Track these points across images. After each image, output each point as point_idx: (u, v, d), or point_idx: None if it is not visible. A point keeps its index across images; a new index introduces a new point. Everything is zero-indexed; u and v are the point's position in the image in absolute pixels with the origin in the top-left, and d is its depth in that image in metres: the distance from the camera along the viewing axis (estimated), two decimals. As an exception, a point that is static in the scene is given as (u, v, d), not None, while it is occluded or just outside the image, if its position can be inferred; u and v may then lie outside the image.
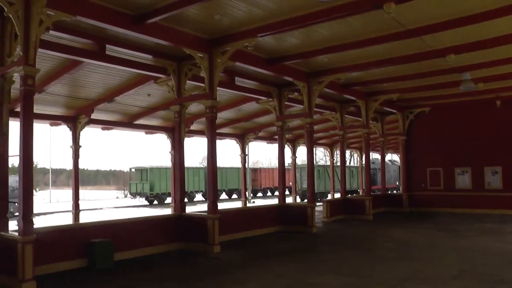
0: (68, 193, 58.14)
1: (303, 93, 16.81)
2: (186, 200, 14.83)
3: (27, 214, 8.93)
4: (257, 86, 17.37)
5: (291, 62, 14.96)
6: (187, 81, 14.05)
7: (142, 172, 45.80)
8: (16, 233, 9.08)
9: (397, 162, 50.38)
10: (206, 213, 13.32)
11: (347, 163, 58.58)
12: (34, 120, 9.50)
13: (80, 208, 18.67)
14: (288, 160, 27.44)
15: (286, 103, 18.25)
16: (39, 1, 8.77)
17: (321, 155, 78.76)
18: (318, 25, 11.75)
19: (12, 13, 8.84)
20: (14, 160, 12.79)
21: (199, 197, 48.59)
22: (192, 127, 20.80)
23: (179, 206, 13.88)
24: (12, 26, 9.43)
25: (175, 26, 11.71)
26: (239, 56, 13.38)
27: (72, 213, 18.38)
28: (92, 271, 10.59)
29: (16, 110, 12.15)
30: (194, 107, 16.41)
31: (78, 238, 11.14)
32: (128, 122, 19.36)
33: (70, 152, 17.88)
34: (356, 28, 12.34)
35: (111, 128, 19.65)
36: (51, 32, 10.10)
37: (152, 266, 11.16)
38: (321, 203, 21.89)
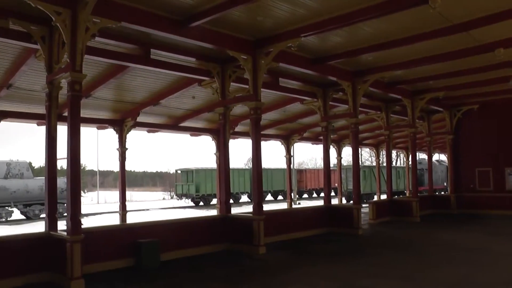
0: (115, 194, 59.56)
1: (348, 93, 16.57)
2: (231, 201, 14.87)
3: (75, 214, 9.20)
4: (301, 87, 17.23)
5: (335, 61, 14.75)
6: (231, 83, 14.09)
7: (188, 173, 46.31)
8: (65, 233, 9.37)
9: (444, 162, 48.99)
10: (251, 214, 13.30)
11: (393, 164, 57.47)
12: (82, 124, 9.77)
13: (127, 209, 19.05)
14: (333, 161, 27.16)
15: (330, 103, 18.03)
16: (85, 10, 8.99)
17: (367, 156, 77.73)
18: (362, 23, 11.52)
19: (59, 22, 9.09)
20: (62, 162, 13.18)
21: (244, 198, 48.73)
22: (237, 129, 20.86)
23: (225, 207, 13.93)
24: (60, 34, 9.70)
25: (218, 28, 11.76)
26: (282, 56, 13.30)
27: (120, 214, 18.77)
28: (139, 270, 10.76)
29: (64, 114, 12.49)
30: (238, 109, 16.43)
31: (125, 238, 11.36)
32: (173, 124, 19.61)
33: (117, 154, 18.29)
34: (401, 25, 12.05)
35: (157, 131, 19.97)
36: (97, 38, 10.33)
37: (197, 266, 11.23)
38: (367, 205, 21.53)
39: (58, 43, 10.21)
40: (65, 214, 9.49)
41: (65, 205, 9.85)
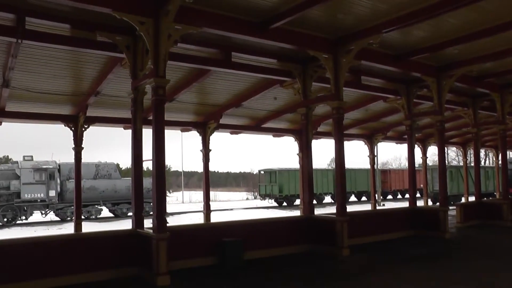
0: (199, 194, 61.06)
1: (432, 89, 15.86)
2: (314, 202, 14.73)
3: (160, 213, 9.56)
4: (383, 84, 16.75)
5: (418, 56, 14.16)
6: (313, 83, 13.95)
7: (271, 174, 46.60)
8: (151, 231, 9.76)
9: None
10: (334, 216, 13.11)
11: (482, 164, 54.63)
12: (166, 127, 10.15)
13: (211, 209, 19.44)
14: (418, 160, 26.18)
15: (414, 100, 17.29)
16: (167, 18, 9.31)
17: (454, 155, 74.00)
18: (446, 14, 10.93)
19: (143, 31, 9.48)
20: (147, 164, 13.68)
21: (328, 199, 48.28)
22: (319, 129, 20.65)
23: (308, 208, 13.81)
24: (143, 42, 10.11)
25: (298, 29, 11.70)
26: (364, 54, 12.98)
27: (204, 213, 19.19)
28: (223, 268, 10.93)
29: (149, 118, 12.97)
30: (320, 109, 16.27)
31: (210, 236, 11.62)
32: (256, 125, 19.77)
33: (200, 155, 18.73)
34: (488, 13, 11.25)
35: (240, 132, 20.24)
36: (179, 44, 10.55)
37: (280, 266, 11.23)
38: (454, 207, 20.51)
39: (142, 51, 10.64)
40: (151, 212, 9.84)
41: (151, 204, 10.23)
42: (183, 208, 44.24)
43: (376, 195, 31.81)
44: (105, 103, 15.16)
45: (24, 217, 31.29)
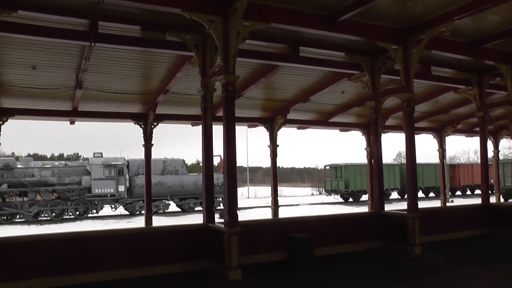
0: (263, 189, 61.15)
1: (507, 77, 14.93)
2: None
3: (232, 208, 9.69)
4: (454, 74, 16.03)
5: (492, 43, 13.39)
6: (382, 75, 13.62)
7: (336, 169, 46.07)
8: (222, 225, 9.90)
9: None
10: (405, 212, 12.74)
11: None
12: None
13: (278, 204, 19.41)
14: (489, 154, 24.89)
15: (487, 90, 16.51)
16: (236, 15, 9.38)
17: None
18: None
19: (212, 30, 9.64)
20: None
21: (394, 195, 47.20)
22: (387, 123, 20.14)
23: (377, 204, 13.52)
24: (212, 40, 10.29)
25: (366, 20, 11.42)
26: (434, 43, 12.40)
27: (272, 209, 19.24)
28: (292, 264, 10.90)
29: (217, 114, 13.12)
30: (388, 102, 15.80)
31: (279, 232, 11.62)
32: (323, 120, 19.58)
33: (267, 151, 18.77)
34: None
35: (307, 127, 20.12)
36: (247, 41, 10.58)
37: (350, 263, 11.08)
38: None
39: (211, 49, 10.81)
40: (218, 208, 10.02)
41: (217, 199, 10.42)
42: (249, 203, 44.59)
43: (446, 191, 30.69)
44: (173, 100, 15.49)
45: (94, 211, 32.80)
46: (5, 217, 29.72)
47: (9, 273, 8.85)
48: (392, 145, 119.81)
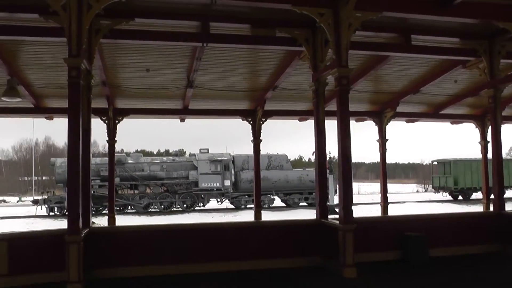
0: (367, 185, 59.93)
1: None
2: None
3: (347, 204, 9.52)
4: None
5: None
6: (501, 60, 12.49)
7: (445, 165, 43.85)
8: (337, 221, 9.77)
9: None
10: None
11: None
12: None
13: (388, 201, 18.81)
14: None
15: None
16: (347, 6, 9.21)
17: None
18: None
19: (323, 23, 9.54)
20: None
21: (509, 193, 43.68)
22: (504, 113, 18.67)
23: (498, 203, 12.42)
24: (322, 34, 10.24)
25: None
26: None
27: (381, 205, 18.73)
28: (406, 264, 10.49)
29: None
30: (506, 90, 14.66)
31: (391, 230, 11.25)
32: (433, 112, 18.63)
33: (370, 146, 18.38)
34: None
35: (416, 120, 19.29)
36: (356, 32, 10.37)
37: (469, 267, 10.40)
38: None
39: (321, 43, 10.69)
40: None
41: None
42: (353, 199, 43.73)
43: None
44: (281, 96, 15.51)
45: (201, 204, 34.14)
46: (117, 208, 31.75)
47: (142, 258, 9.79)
48: (505, 138, 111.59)
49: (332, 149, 32.64)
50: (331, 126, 11.09)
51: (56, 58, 10.86)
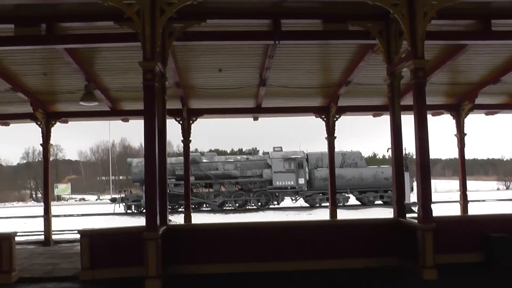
0: (443, 183, 57.80)
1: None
2: None
3: (426, 203, 9.16)
4: None
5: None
6: None
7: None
8: (415, 220, 9.44)
9: None
10: None
11: None
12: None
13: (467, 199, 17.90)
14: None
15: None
16: (423, -5, 8.82)
17: None
18: None
19: (397, 13, 9.25)
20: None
21: None
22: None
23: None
24: (396, 25, 9.94)
25: None
26: None
27: (460, 204, 17.91)
28: (490, 267, 9.89)
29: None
30: None
31: (472, 230, 10.67)
32: (515, 103, 17.55)
33: (446, 141, 17.49)
34: None
35: (496, 112, 18.22)
36: (432, 21, 9.97)
37: None
38: None
39: (395, 34, 10.37)
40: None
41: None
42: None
43: None
44: (354, 92, 15.16)
45: (276, 202, 34.21)
46: (193, 206, 32.51)
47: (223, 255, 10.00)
48: None
49: (407, 145, 31.57)
50: (406, 121, 10.82)
51: (131, 62, 11.20)
